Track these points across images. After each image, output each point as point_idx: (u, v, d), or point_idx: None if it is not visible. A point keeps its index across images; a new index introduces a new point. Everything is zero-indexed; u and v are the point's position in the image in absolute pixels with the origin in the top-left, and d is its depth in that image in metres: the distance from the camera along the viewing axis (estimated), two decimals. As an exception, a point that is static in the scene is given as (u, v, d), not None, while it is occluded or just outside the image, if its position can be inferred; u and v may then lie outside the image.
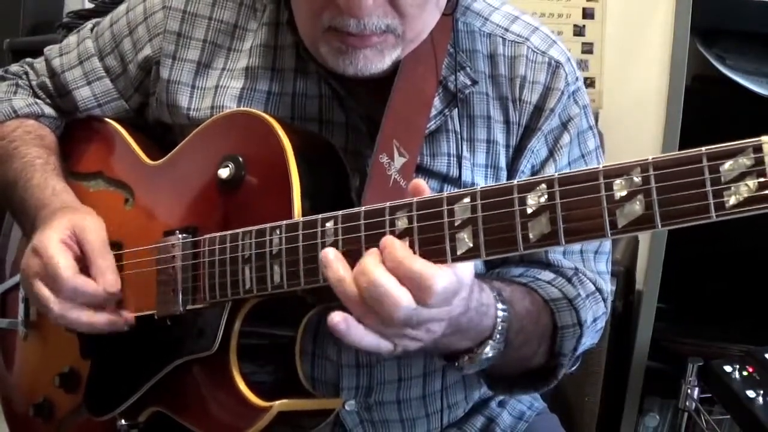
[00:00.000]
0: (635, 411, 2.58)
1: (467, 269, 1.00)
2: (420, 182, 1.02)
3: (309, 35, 1.23)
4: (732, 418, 2.21)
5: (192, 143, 1.28)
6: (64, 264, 1.19)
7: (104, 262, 1.23)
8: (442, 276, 0.96)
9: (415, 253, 0.98)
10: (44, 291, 1.20)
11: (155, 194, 1.32)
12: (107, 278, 1.22)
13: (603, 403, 2.14)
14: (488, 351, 1.13)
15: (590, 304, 1.30)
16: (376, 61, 1.19)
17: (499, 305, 1.13)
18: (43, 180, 1.35)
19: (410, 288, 0.96)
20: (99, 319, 1.22)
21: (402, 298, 0.96)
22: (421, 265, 0.96)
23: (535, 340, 1.23)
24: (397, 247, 0.98)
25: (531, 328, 1.21)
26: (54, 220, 1.25)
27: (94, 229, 1.25)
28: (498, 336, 1.13)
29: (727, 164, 0.80)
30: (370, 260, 0.98)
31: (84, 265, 1.23)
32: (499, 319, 1.12)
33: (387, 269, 0.97)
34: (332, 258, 1.01)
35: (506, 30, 1.33)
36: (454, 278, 0.98)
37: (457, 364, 1.15)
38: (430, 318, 1.00)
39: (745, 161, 0.80)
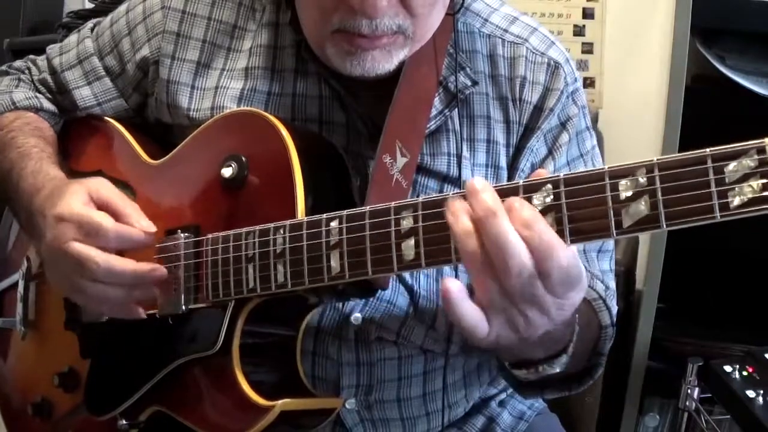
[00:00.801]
0: (635, 411, 2.58)
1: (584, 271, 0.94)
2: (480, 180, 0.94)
3: (315, 36, 1.23)
4: (732, 418, 2.21)
5: (194, 142, 1.28)
6: (103, 216, 1.18)
7: (134, 209, 1.21)
8: (569, 253, 0.90)
9: (420, 252, 0.97)
10: (85, 249, 1.16)
11: (157, 193, 1.32)
12: (143, 223, 1.20)
13: (603, 403, 2.13)
14: (561, 364, 1.08)
15: (611, 301, 1.30)
16: (383, 62, 1.19)
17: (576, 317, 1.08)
18: (37, 167, 1.33)
19: (537, 254, 0.89)
20: (144, 266, 1.18)
21: (528, 259, 0.89)
22: (551, 235, 0.89)
23: (587, 347, 1.21)
24: (526, 208, 0.90)
25: (587, 336, 1.19)
26: (65, 192, 1.22)
27: (108, 187, 1.23)
28: (571, 349, 1.08)
29: (732, 165, 0.81)
30: (502, 212, 0.89)
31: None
32: (574, 333, 1.07)
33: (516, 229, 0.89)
34: (458, 207, 0.92)
35: (505, 31, 1.34)
36: (576, 263, 0.91)
37: (523, 373, 1.10)
38: (542, 302, 0.92)
39: (749, 162, 0.80)
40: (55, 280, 1.27)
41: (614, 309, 1.31)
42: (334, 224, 1.05)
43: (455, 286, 0.91)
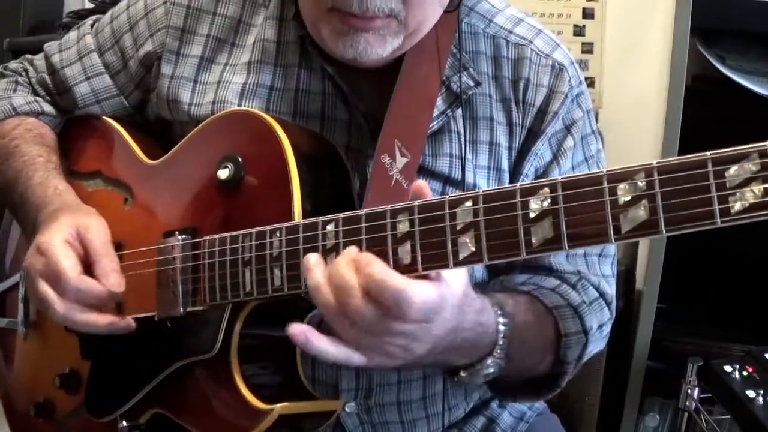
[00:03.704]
0: (635, 411, 2.58)
1: (454, 289, 0.99)
2: (422, 183, 1.01)
3: (311, 16, 1.22)
4: (732, 418, 2.21)
5: (191, 143, 1.28)
6: (69, 264, 1.18)
7: (108, 262, 1.21)
8: (421, 290, 0.95)
9: (416, 257, 0.97)
10: (48, 291, 1.18)
11: (154, 194, 1.31)
12: (111, 279, 1.20)
13: (603, 403, 2.13)
14: (489, 366, 1.12)
15: (595, 310, 1.29)
16: (376, 47, 1.18)
17: (501, 320, 1.12)
18: (45, 179, 1.34)
19: (387, 303, 0.95)
20: (101, 321, 1.20)
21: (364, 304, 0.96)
22: (398, 281, 0.95)
23: (538, 351, 1.23)
24: (372, 262, 0.97)
25: (534, 340, 1.21)
26: (57, 220, 1.23)
27: (98, 229, 1.24)
28: (498, 352, 1.12)
29: (733, 169, 0.79)
30: (342, 261, 0.99)
31: (88, 264, 1.21)
32: (500, 335, 1.11)
33: (360, 285, 0.97)
34: (313, 263, 1.01)
35: (510, 32, 1.33)
36: (435, 296, 0.97)
37: (456, 379, 1.14)
38: (404, 332, 0.98)
39: (750, 167, 0.79)
40: (32, 300, 1.33)
41: (600, 317, 1.30)
42: (330, 227, 1.04)
43: (297, 330, 0.99)
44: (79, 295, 1.19)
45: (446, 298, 0.98)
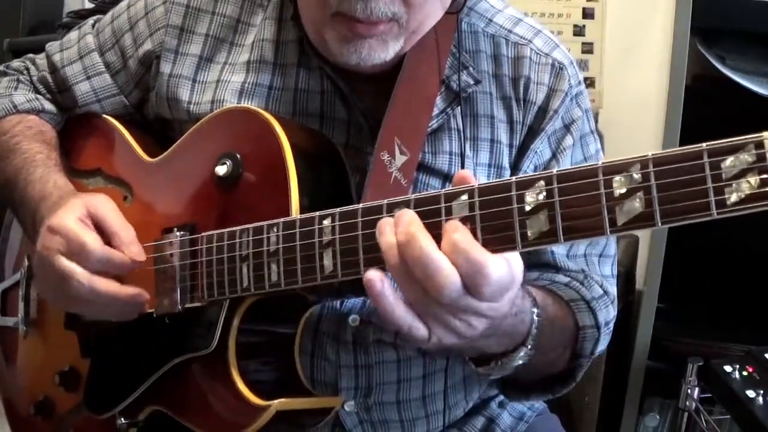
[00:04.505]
0: (635, 411, 2.58)
1: (520, 267, 0.96)
2: (467, 172, 0.99)
3: (315, 21, 1.22)
4: (732, 418, 2.21)
5: (190, 140, 1.28)
6: (91, 237, 1.18)
7: (127, 233, 1.21)
8: (498, 266, 0.92)
9: None
10: (70, 265, 1.17)
11: (153, 191, 1.32)
12: (133, 249, 1.20)
13: (603, 403, 2.13)
14: (520, 357, 1.11)
15: (602, 306, 1.29)
16: (379, 51, 1.19)
17: (535, 310, 1.11)
18: (45, 174, 1.34)
19: (465, 274, 0.92)
20: (125, 291, 1.19)
21: (453, 274, 0.92)
22: (479, 254, 0.92)
23: (560, 344, 1.22)
24: (458, 229, 0.93)
25: (558, 333, 1.21)
26: (66, 203, 1.23)
27: (109, 206, 1.24)
28: (531, 342, 1.10)
29: (729, 160, 0.79)
30: (423, 234, 0.94)
31: (104, 240, 1.21)
32: (533, 325, 1.10)
33: (445, 252, 0.92)
34: (386, 227, 0.96)
35: (509, 32, 1.34)
36: (508, 271, 0.94)
37: (484, 369, 1.12)
38: (476, 309, 0.95)
39: (746, 157, 0.79)
40: (41, 288, 1.31)
41: (606, 314, 1.30)
42: (326, 222, 1.04)
43: (376, 276, 0.94)
44: (103, 265, 1.18)
45: (516, 276, 0.95)
